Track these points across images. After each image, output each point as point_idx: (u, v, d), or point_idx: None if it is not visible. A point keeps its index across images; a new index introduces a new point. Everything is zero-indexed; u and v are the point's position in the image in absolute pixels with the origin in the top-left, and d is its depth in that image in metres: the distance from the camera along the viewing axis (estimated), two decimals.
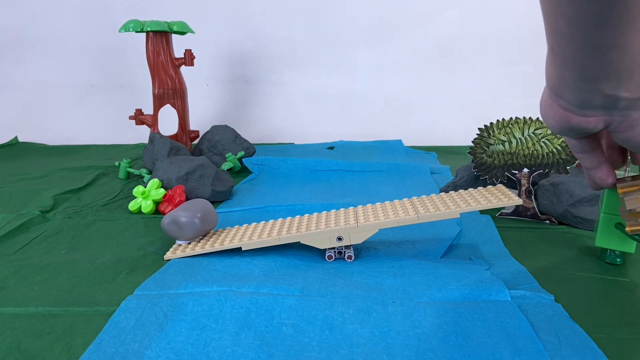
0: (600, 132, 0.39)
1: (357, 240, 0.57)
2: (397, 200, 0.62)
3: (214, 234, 0.65)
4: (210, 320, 0.44)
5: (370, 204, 0.63)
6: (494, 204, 0.54)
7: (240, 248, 0.60)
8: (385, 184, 0.96)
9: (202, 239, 0.64)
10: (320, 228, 0.57)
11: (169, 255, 0.60)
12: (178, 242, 0.63)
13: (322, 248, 0.58)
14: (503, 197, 0.55)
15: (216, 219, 0.65)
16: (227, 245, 0.59)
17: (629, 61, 0.28)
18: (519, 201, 0.55)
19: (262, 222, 0.65)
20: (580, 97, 0.31)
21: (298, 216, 0.64)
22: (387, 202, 0.62)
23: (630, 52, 0.27)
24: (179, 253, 0.60)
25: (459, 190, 0.61)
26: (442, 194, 0.61)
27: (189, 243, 0.63)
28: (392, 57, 1.48)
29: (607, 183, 0.44)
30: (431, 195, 0.62)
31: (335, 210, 0.64)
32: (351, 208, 0.63)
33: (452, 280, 0.51)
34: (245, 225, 0.66)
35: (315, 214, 0.64)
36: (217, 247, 0.60)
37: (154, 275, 0.54)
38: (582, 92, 0.31)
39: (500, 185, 0.59)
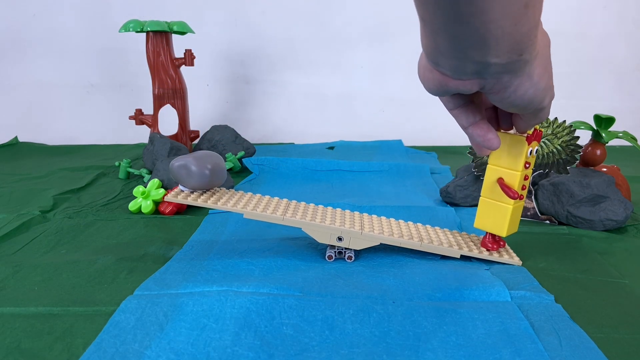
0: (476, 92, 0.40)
1: (357, 246, 0.57)
2: (402, 222, 0.63)
3: (217, 191, 0.62)
4: (210, 320, 0.44)
5: (375, 215, 0.63)
6: (495, 258, 0.57)
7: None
8: (385, 184, 0.96)
9: (205, 192, 0.60)
10: (325, 222, 0.57)
11: (169, 197, 0.58)
12: (181, 187, 0.60)
13: (320, 242, 0.58)
14: (506, 255, 0.58)
15: (224, 177, 0.61)
16: (230, 207, 0.57)
17: (492, 28, 0.28)
18: (518, 262, 0.58)
19: (267, 196, 0.63)
20: (454, 64, 0.33)
21: (303, 202, 0.63)
22: (392, 220, 0.63)
23: (492, 18, 0.28)
24: (180, 198, 0.57)
25: (471, 234, 0.64)
26: (449, 232, 0.63)
27: (192, 192, 0.59)
28: (392, 57, 1.48)
29: (486, 139, 0.42)
30: (443, 229, 0.64)
31: (340, 209, 0.64)
32: (356, 213, 0.63)
33: (452, 280, 0.51)
34: (249, 193, 0.63)
35: (320, 207, 0.63)
36: (220, 206, 0.57)
37: (154, 275, 0.54)
38: (455, 60, 0.32)
39: (507, 246, 0.61)
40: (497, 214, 0.55)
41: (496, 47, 0.30)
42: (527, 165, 0.52)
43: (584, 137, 0.75)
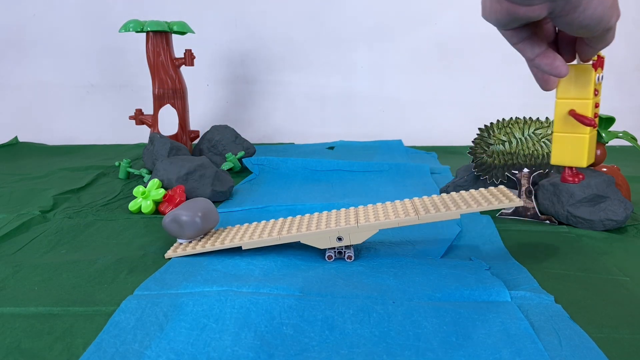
0: (539, 23, 0.40)
1: (357, 240, 0.57)
2: (398, 201, 0.62)
3: (215, 233, 0.65)
4: (210, 320, 0.44)
5: (371, 204, 0.63)
6: (495, 205, 0.54)
7: (241, 248, 0.60)
8: (385, 184, 0.96)
9: (202, 237, 0.64)
10: (320, 228, 0.57)
11: (169, 253, 0.60)
12: (179, 240, 0.63)
13: (322, 248, 0.58)
14: (504, 198, 0.55)
15: (217, 218, 0.65)
16: (228, 244, 0.59)
17: None
18: (519, 202, 0.55)
19: (263, 222, 0.65)
20: None
21: (298, 216, 0.64)
22: (387, 203, 0.62)
23: None
24: (180, 251, 0.60)
25: (460, 191, 0.61)
26: (442, 194, 0.61)
27: (190, 242, 0.63)
28: (392, 57, 1.48)
29: (554, 67, 0.41)
30: (432, 195, 0.62)
31: (335, 210, 0.64)
32: (351, 208, 0.63)
33: (452, 280, 0.51)
34: (245, 224, 0.66)
35: (315, 214, 0.64)
36: (218, 246, 0.60)
37: (154, 275, 0.54)
38: None
39: (501, 186, 0.59)
40: (574, 145, 0.54)
41: None
42: (596, 93, 0.52)
43: None
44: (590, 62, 0.50)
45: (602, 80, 0.53)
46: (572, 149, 0.55)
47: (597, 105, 0.54)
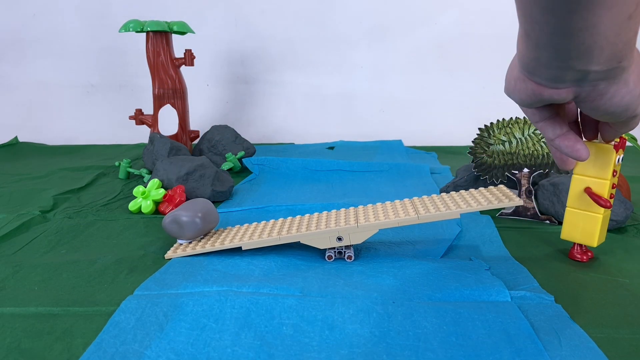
0: (562, 104, 0.40)
1: (357, 240, 0.57)
2: (398, 201, 0.62)
3: (215, 233, 0.65)
4: (210, 320, 0.44)
5: (371, 204, 0.63)
6: (495, 204, 0.54)
7: (241, 248, 0.60)
8: (385, 184, 0.96)
9: (202, 238, 0.64)
10: (320, 228, 0.57)
11: (169, 254, 0.60)
12: (179, 241, 0.63)
13: (322, 248, 0.58)
14: (504, 198, 0.55)
15: (217, 219, 0.65)
16: (228, 244, 0.59)
17: (599, 39, 0.29)
18: (519, 202, 0.55)
19: (263, 222, 0.65)
20: (553, 73, 0.33)
21: (298, 216, 0.64)
22: (387, 202, 0.62)
23: (601, 30, 0.29)
24: (180, 252, 0.60)
25: (460, 191, 0.61)
26: (442, 194, 0.61)
27: (190, 242, 0.63)
28: (392, 57, 1.48)
29: (575, 150, 0.41)
30: (431, 195, 0.62)
31: (335, 210, 0.64)
32: (351, 208, 0.63)
33: (452, 280, 0.51)
34: (245, 225, 0.66)
35: (315, 214, 0.64)
36: (218, 246, 0.60)
37: (154, 275, 0.54)
38: (556, 70, 0.33)
39: (501, 186, 0.59)
40: (586, 223, 0.54)
41: (599, 56, 0.31)
42: (615, 173, 0.52)
43: None
44: (612, 143, 0.50)
45: (622, 161, 0.52)
46: (583, 227, 0.55)
47: (614, 186, 0.53)
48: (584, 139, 0.46)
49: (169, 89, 1.15)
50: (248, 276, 0.54)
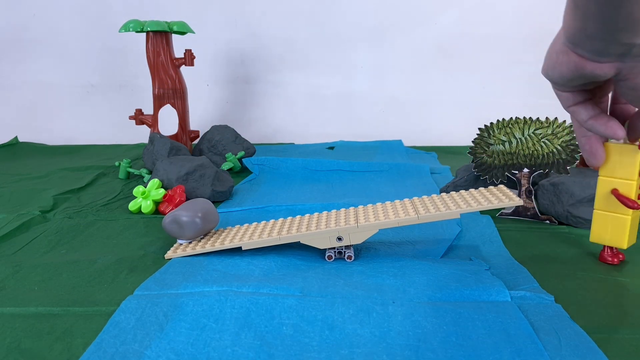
0: (598, 91, 0.40)
1: (357, 240, 0.57)
2: (398, 201, 0.62)
3: (215, 233, 0.65)
4: (210, 320, 0.44)
5: (371, 204, 0.63)
6: (495, 204, 0.54)
7: (241, 248, 0.60)
8: (385, 184, 0.96)
9: (202, 238, 0.64)
10: (320, 228, 0.57)
11: (169, 254, 0.60)
12: (179, 241, 0.63)
13: (322, 248, 0.58)
14: (504, 198, 0.55)
15: (217, 219, 0.65)
16: (228, 244, 0.59)
17: None
18: (519, 202, 0.55)
19: (263, 222, 0.65)
20: (598, 45, 0.33)
21: (298, 216, 0.64)
22: (387, 202, 0.62)
23: None
24: (180, 252, 0.60)
25: (460, 191, 0.61)
26: (442, 194, 0.61)
27: (190, 242, 0.63)
28: (392, 57, 1.48)
29: (610, 127, 0.40)
30: (431, 195, 0.62)
31: (335, 210, 0.64)
32: (351, 208, 0.63)
33: (452, 280, 0.51)
34: (245, 225, 0.66)
35: (315, 214, 0.64)
36: (218, 246, 0.60)
37: (154, 275, 0.54)
38: (601, 42, 0.33)
39: (501, 186, 0.59)
40: (615, 225, 0.54)
41: None
42: None
43: None
44: (637, 143, 0.50)
45: None
46: (612, 229, 0.54)
47: None
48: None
49: (169, 89, 1.15)
50: (248, 276, 0.54)
